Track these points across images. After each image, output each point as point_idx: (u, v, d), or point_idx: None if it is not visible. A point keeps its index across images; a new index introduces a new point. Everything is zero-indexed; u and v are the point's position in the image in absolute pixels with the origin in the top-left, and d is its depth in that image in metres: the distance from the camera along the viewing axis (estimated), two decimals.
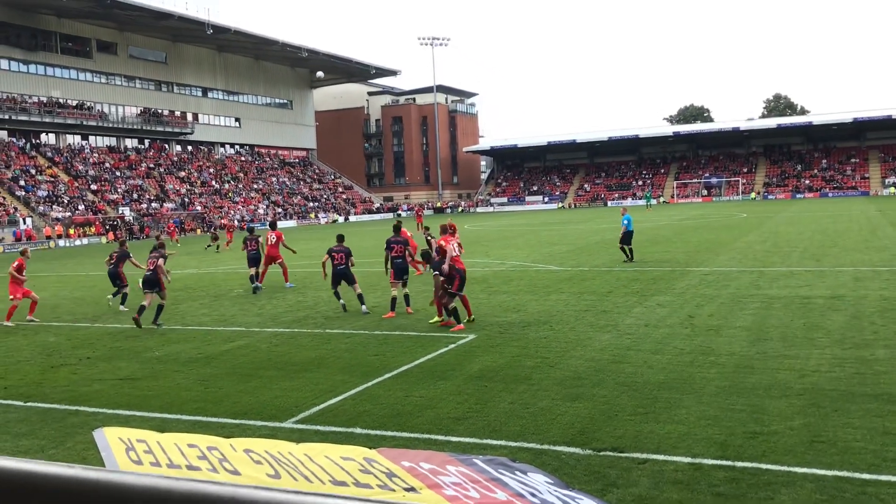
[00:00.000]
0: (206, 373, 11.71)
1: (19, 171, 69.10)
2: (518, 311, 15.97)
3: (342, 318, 16.25)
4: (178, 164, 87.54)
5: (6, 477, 0.64)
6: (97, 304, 20.82)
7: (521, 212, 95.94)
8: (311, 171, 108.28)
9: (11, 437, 8.80)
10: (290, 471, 5.04)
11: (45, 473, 0.64)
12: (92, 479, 0.64)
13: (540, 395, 9.46)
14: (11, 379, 11.91)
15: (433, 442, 7.83)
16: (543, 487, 5.51)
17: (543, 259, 27.48)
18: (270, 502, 0.60)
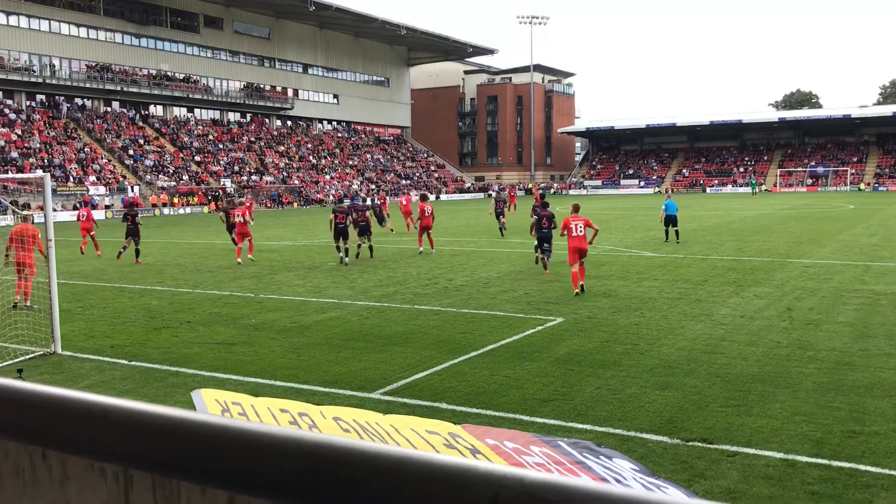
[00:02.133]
0: (299, 341, 12.03)
1: (129, 141, 72.23)
2: (609, 297, 15.76)
3: (431, 295, 16.40)
4: (278, 139, 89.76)
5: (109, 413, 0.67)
6: (198, 271, 21.65)
7: (615, 195, 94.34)
8: (405, 148, 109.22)
9: (117, 393, 9.28)
10: (377, 440, 5.13)
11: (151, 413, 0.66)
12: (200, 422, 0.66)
13: (628, 381, 9.33)
14: (118, 338, 12.54)
15: (517, 422, 7.84)
16: (629, 474, 5.44)
17: (637, 244, 26.98)
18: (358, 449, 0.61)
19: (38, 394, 0.74)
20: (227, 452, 0.66)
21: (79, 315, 14.73)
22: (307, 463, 0.63)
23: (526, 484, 0.61)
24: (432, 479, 0.61)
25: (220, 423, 0.69)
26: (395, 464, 0.61)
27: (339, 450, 0.63)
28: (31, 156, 61.89)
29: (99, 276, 21.04)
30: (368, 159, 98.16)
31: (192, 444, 0.68)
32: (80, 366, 10.77)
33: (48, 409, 0.72)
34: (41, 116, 68.27)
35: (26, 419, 0.72)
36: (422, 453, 0.63)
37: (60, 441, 0.72)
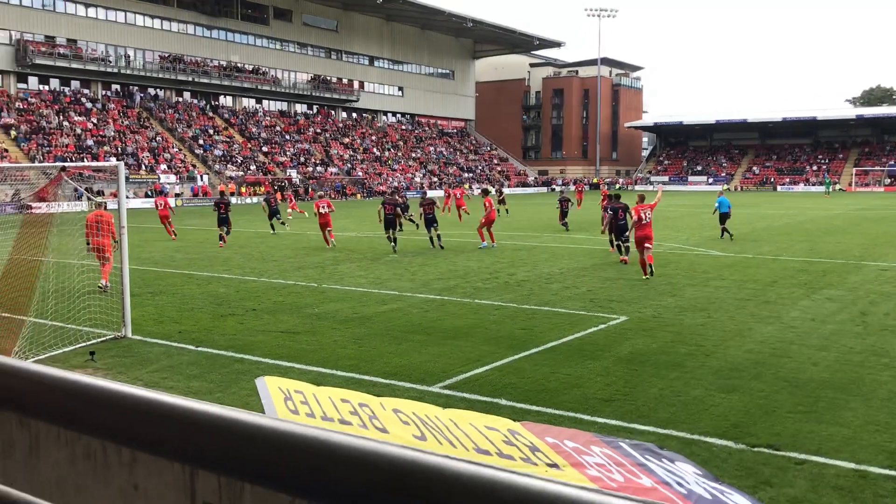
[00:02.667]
0: (361, 332, 12.13)
1: (199, 131, 73.93)
2: (674, 296, 15.47)
3: (491, 290, 16.35)
4: (343, 131, 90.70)
5: (182, 414, 0.65)
6: (263, 260, 22.04)
7: (682, 192, 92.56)
8: (468, 141, 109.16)
9: (184, 378, 9.51)
10: (436, 434, 5.12)
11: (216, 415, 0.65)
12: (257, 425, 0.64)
13: (693, 383, 9.14)
14: (186, 324, 12.85)
15: (578, 421, 7.75)
16: (691, 478, 5.32)
17: (704, 243, 26.42)
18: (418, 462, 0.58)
19: (108, 391, 0.73)
20: (293, 459, 0.64)
21: (149, 300, 15.14)
22: (387, 475, 0.60)
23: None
24: (502, 501, 0.57)
25: (288, 430, 0.67)
26: (484, 485, 0.57)
27: (422, 466, 0.60)
28: (106, 144, 63.88)
29: (168, 262, 21.60)
30: (431, 152, 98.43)
31: (256, 449, 0.66)
32: (148, 350, 11.07)
33: (117, 406, 0.71)
34: (116, 106, 70.38)
35: (96, 415, 0.72)
36: (515, 477, 0.59)
37: (129, 438, 0.71)
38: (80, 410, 0.73)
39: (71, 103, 67.11)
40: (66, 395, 0.74)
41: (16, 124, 60.71)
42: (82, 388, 0.74)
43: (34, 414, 0.78)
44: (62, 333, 11.42)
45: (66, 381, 0.76)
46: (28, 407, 0.77)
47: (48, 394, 0.75)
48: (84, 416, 0.74)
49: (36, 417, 0.78)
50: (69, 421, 0.76)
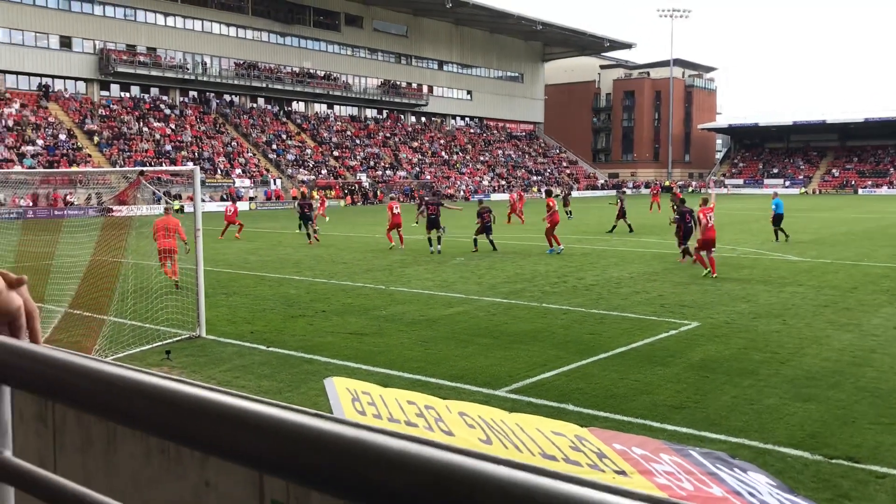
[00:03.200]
0: (427, 335, 12.18)
1: (272, 136, 75.52)
2: (748, 302, 15.07)
3: (559, 294, 16.22)
4: (412, 135, 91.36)
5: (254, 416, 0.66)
6: (333, 262, 22.34)
7: (757, 195, 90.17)
8: (537, 144, 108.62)
9: (255, 378, 9.71)
10: (502, 438, 5.10)
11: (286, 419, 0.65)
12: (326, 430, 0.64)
13: (767, 391, 8.88)
14: (257, 325, 13.12)
15: (647, 428, 7.62)
16: (764, 489, 5.16)
17: (780, 248, 25.68)
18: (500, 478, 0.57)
19: (172, 391, 0.74)
20: (355, 464, 0.64)
21: (223, 301, 15.51)
22: (434, 481, 0.59)
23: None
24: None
25: (348, 434, 0.66)
26: (533, 493, 0.55)
27: (469, 471, 0.59)
28: (184, 149, 65.82)
29: (242, 264, 22.10)
30: (500, 155, 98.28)
31: (318, 454, 0.66)
32: (221, 350, 11.34)
33: (186, 408, 0.72)
34: (193, 112, 72.48)
35: (161, 415, 0.73)
36: (566, 486, 0.56)
37: (196, 441, 0.72)
38: (152, 411, 0.75)
39: (150, 110, 69.40)
40: (139, 396, 0.76)
41: (99, 130, 63.10)
42: (153, 390, 0.76)
43: (110, 414, 0.79)
44: (140, 333, 11.80)
45: (140, 383, 0.77)
46: (105, 407, 0.79)
47: (123, 394, 0.77)
48: (154, 417, 0.75)
49: (112, 417, 0.79)
50: (141, 421, 0.77)
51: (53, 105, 63.91)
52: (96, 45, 67.42)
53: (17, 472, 0.84)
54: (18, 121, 59.30)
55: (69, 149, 59.14)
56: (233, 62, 76.61)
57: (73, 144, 60.21)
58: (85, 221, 19.30)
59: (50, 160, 56.03)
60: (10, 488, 0.85)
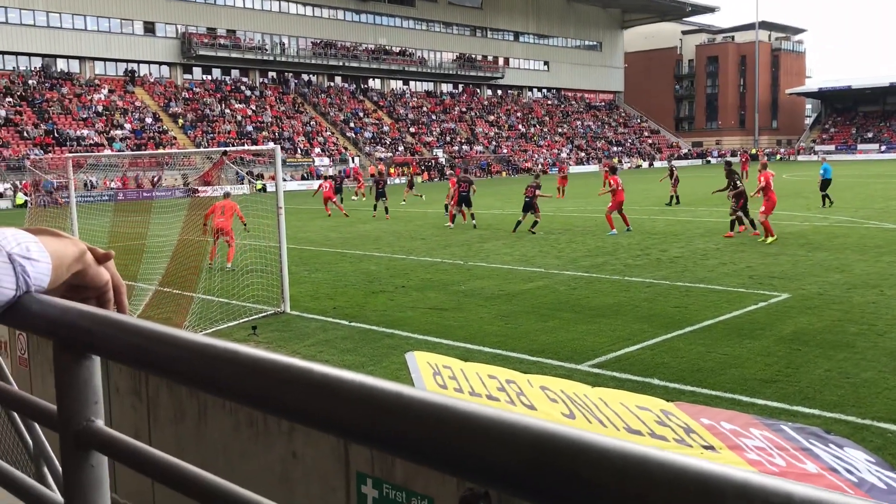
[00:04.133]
0: (507, 309, 12.13)
1: (349, 114, 76.30)
2: (842, 272, 14.47)
3: (642, 266, 15.91)
4: (488, 108, 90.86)
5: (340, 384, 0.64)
6: (412, 239, 22.48)
7: (850, 161, 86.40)
8: (617, 114, 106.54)
9: (338, 352, 9.87)
10: (585, 412, 5.02)
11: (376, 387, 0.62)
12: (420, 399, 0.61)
13: (863, 364, 8.51)
14: (340, 300, 13.32)
15: (736, 402, 7.41)
16: (862, 465, 4.93)
17: (876, 216, 24.54)
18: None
19: (262, 360, 0.72)
20: (443, 433, 0.61)
21: (305, 278, 15.81)
22: (531, 453, 0.56)
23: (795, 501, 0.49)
24: (681, 488, 0.51)
25: (438, 402, 0.63)
26: (634, 462, 0.52)
27: (570, 441, 0.55)
28: (264, 129, 67.18)
29: (323, 241, 22.46)
30: (578, 126, 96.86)
31: (405, 422, 0.63)
32: (305, 325, 11.57)
33: (273, 377, 0.70)
34: (272, 92, 73.81)
35: (249, 384, 0.71)
36: (666, 453, 0.53)
37: (284, 409, 0.70)
38: (240, 380, 0.73)
39: (231, 91, 71.00)
40: (227, 365, 0.74)
41: (182, 113, 64.97)
42: (244, 361, 0.74)
43: (202, 385, 0.78)
44: (227, 309, 12.14)
45: (229, 353, 0.75)
46: (197, 378, 0.78)
47: (213, 365, 0.75)
48: (243, 386, 0.74)
49: (203, 388, 0.78)
50: (230, 390, 0.76)
51: (139, 90, 66.08)
52: (178, 30, 69.25)
53: (108, 442, 0.84)
54: (107, 106, 61.58)
55: (155, 132, 61.13)
56: (310, 42, 77.52)
57: (159, 128, 62.19)
58: (172, 202, 19.94)
59: (137, 143, 58.05)
60: (104, 457, 0.86)
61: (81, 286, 1.02)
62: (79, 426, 0.83)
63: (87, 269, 1.03)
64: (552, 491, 0.54)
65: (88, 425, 0.83)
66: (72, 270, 0.99)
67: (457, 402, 0.59)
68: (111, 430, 0.84)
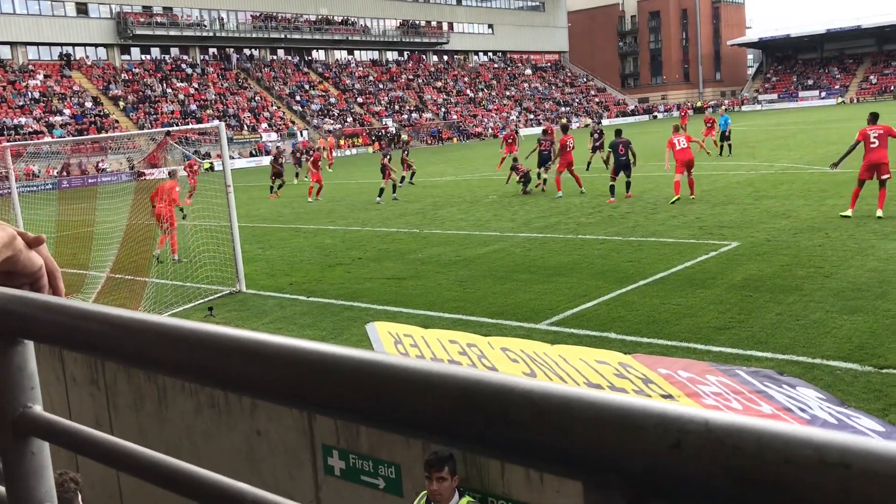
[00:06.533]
0: (465, 274, 12.19)
1: (295, 87, 75.19)
2: (788, 217, 14.80)
3: (595, 224, 16.08)
4: (435, 75, 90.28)
5: (299, 354, 0.65)
6: (366, 210, 22.38)
7: (793, 109, 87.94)
8: (563, 74, 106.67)
9: (297, 328, 9.83)
10: (546, 370, 5.10)
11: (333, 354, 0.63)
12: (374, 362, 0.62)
13: (812, 306, 8.76)
14: (296, 276, 13.24)
15: (692, 351, 7.58)
16: (814, 403, 5.11)
17: (819, 160, 25.09)
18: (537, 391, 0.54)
19: (215, 335, 0.72)
20: (380, 390, 0.62)
21: (259, 255, 15.66)
22: (462, 401, 0.57)
23: (712, 428, 0.51)
24: (602, 422, 0.52)
25: (361, 358, 0.64)
26: (559, 403, 0.53)
27: (496, 387, 0.57)
28: (208, 107, 65.90)
29: (276, 218, 22.24)
30: (526, 88, 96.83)
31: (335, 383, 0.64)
32: (262, 303, 11.49)
33: (228, 351, 0.70)
34: (214, 69, 72.31)
35: (202, 361, 0.71)
36: (588, 391, 0.54)
37: (243, 385, 0.70)
38: (197, 360, 0.73)
39: (172, 70, 69.36)
40: (185, 346, 0.74)
41: (123, 95, 63.35)
42: (198, 336, 0.74)
43: (142, 363, 0.77)
44: (182, 292, 11.99)
45: (163, 327, 0.75)
46: (136, 357, 0.77)
47: (153, 341, 0.74)
48: (199, 365, 0.74)
49: (145, 366, 0.77)
50: (188, 372, 0.75)
51: (76, 73, 64.17)
52: (113, 10, 67.19)
53: (48, 427, 0.83)
54: (44, 92, 59.74)
55: (96, 116, 59.56)
56: (249, 15, 75.91)
57: (100, 111, 60.59)
58: (119, 187, 19.51)
59: (78, 128, 56.54)
60: (45, 444, 0.85)
61: (14, 273, 1.00)
62: (15, 413, 0.82)
63: (18, 255, 1.01)
64: (483, 435, 0.55)
65: (25, 412, 0.82)
66: (1, 257, 0.97)
67: (380, 356, 0.60)
68: (51, 415, 0.83)
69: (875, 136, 14.37)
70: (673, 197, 18.10)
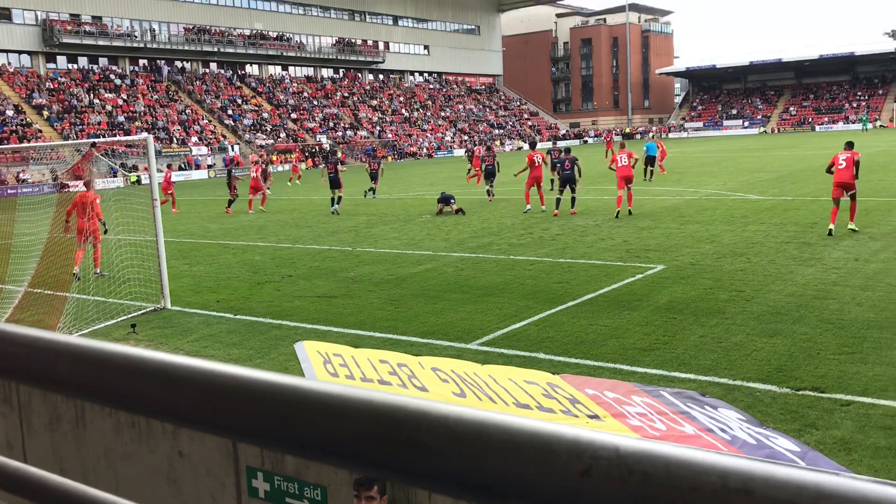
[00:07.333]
0: (397, 293, 12.16)
1: (227, 101, 74.15)
2: (712, 242, 15.25)
3: (526, 245, 16.27)
4: (371, 93, 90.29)
5: (222, 379, 0.63)
6: (297, 226, 22.15)
7: (717, 137, 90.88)
8: (497, 97, 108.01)
9: (223, 346, 9.63)
10: (475, 390, 5.11)
11: (256, 380, 0.62)
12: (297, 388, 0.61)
13: (734, 329, 9.03)
14: (223, 293, 12.99)
15: (618, 371, 7.71)
16: (735, 424, 5.25)
17: (741, 187, 25.96)
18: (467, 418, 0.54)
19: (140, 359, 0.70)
20: (300, 417, 0.61)
21: (186, 272, 15.32)
22: (380, 428, 0.57)
23: (623, 455, 0.52)
24: (516, 448, 0.53)
25: (289, 385, 0.64)
26: (474, 429, 0.54)
27: (413, 413, 0.57)
28: (137, 119, 64.40)
29: (204, 233, 21.82)
30: (461, 110, 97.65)
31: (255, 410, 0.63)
32: (188, 320, 11.22)
33: (152, 377, 0.68)
34: (144, 81, 70.77)
35: (132, 388, 0.69)
36: (503, 416, 0.55)
37: (166, 412, 0.68)
38: (119, 384, 0.70)
39: (100, 81, 67.61)
40: (104, 369, 0.71)
41: (48, 104, 61.41)
42: (120, 360, 0.71)
43: (76, 391, 0.75)
44: (104, 308, 11.63)
45: (104, 353, 0.72)
46: (69, 384, 0.74)
47: (88, 368, 0.72)
48: (122, 390, 0.71)
49: (78, 394, 0.75)
50: (108, 396, 0.73)
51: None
52: (38, 16, 65.20)
53: None
54: None
55: (18, 125, 57.54)
56: (182, 27, 74.68)
57: (22, 120, 58.56)
58: (40, 199, 18.83)
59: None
60: None
61: None
62: None
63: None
64: (401, 463, 0.55)
65: None
66: None
67: (300, 382, 0.59)
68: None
69: (843, 159, 15.95)
70: (615, 210, 19.98)
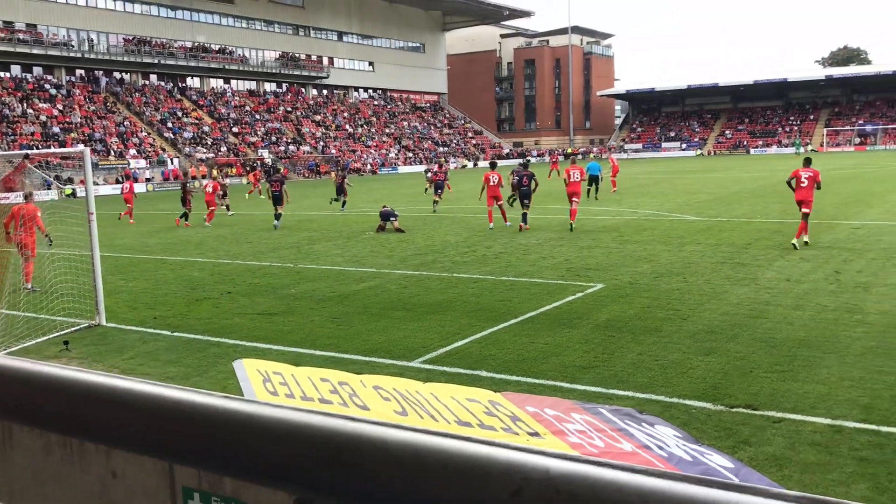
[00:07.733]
0: (339, 311, 12.08)
1: (167, 114, 72.94)
2: (650, 262, 15.56)
3: (469, 263, 16.35)
4: (314, 108, 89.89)
5: (158, 402, 0.63)
6: (237, 242, 21.86)
7: (656, 158, 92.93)
8: (442, 115, 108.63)
9: (160, 364, 9.42)
10: (417, 409, 5.11)
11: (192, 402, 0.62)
12: (234, 410, 0.62)
13: (670, 347, 9.21)
14: (160, 310, 12.72)
15: (558, 389, 7.79)
16: (671, 441, 5.36)
17: (678, 208, 26.57)
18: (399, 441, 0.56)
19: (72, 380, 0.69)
20: (237, 440, 0.62)
21: (122, 287, 14.97)
22: (318, 450, 0.57)
23: (552, 476, 0.54)
24: (451, 470, 0.55)
25: (226, 408, 0.64)
26: (411, 451, 0.55)
27: (350, 436, 0.58)
28: (73, 130, 62.85)
29: (141, 248, 21.36)
30: (405, 127, 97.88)
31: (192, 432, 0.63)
32: (123, 337, 10.96)
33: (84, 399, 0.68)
34: (81, 91, 69.19)
35: (63, 409, 0.68)
36: (438, 439, 0.56)
37: (99, 434, 0.68)
38: (45, 405, 0.70)
39: (34, 90, 65.85)
40: (31, 389, 0.70)
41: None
42: (47, 380, 0.71)
43: (2, 413, 0.74)
44: (35, 324, 11.27)
45: (33, 373, 0.72)
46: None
47: (15, 387, 0.71)
48: (50, 412, 0.71)
49: (5, 415, 0.74)
50: (34, 418, 0.72)
51: None
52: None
53: None
54: None
55: None
56: (121, 38, 73.33)
57: None
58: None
59: None
60: None
61: None
62: None
63: None
64: (340, 486, 0.56)
65: None
66: None
67: (238, 404, 0.60)
68: None
69: (805, 177, 16.50)
70: (568, 223, 21.27)
